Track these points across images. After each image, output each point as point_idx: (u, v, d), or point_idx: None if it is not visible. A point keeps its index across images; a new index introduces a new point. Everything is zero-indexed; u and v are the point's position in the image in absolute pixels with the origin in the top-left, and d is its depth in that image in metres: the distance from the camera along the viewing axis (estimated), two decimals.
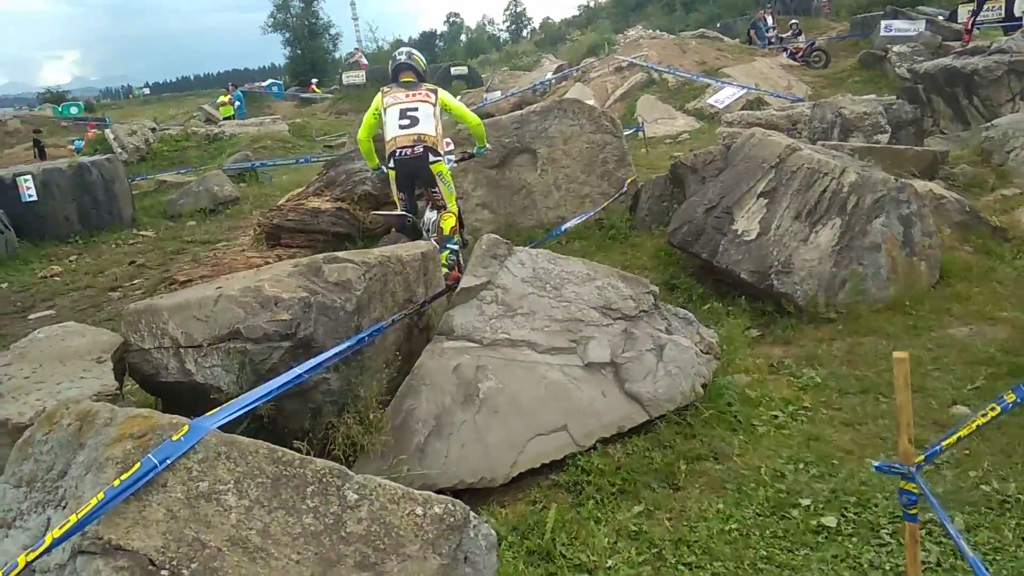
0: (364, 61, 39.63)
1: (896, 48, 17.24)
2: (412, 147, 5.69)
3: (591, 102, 16.77)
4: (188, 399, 3.45)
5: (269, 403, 3.06)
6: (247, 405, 2.71)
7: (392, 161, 5.76)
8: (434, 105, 5.92)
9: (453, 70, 33.32)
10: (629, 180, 7.77)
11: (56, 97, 53.42)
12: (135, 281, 8.56)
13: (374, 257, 3.96)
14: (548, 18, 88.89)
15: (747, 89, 16.24)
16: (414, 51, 6.28)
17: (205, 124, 23.45)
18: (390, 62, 6.35)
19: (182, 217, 12.36)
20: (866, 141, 9.10)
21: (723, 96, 16.27)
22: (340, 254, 3.91)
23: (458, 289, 4.07)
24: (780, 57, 20.38)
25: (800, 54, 21.98)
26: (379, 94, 6.08)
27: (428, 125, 5.79)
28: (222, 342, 3.44)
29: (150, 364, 3.59)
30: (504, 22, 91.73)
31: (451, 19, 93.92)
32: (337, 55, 55.69)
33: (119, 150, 19.92)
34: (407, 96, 5.92)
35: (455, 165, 7.64)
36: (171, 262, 9.42)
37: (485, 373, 3.73)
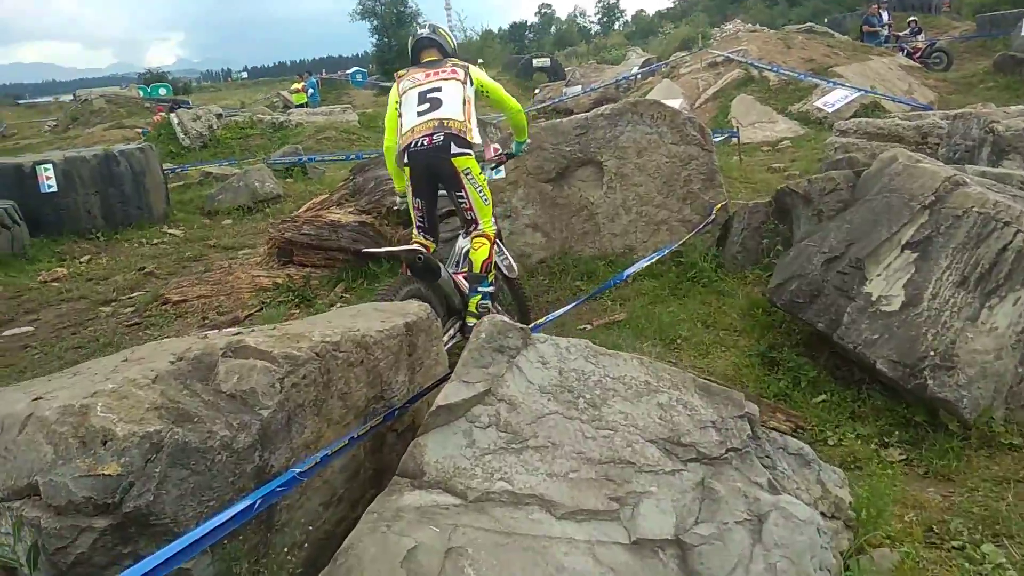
0: None
1: None
2: (431, 135, 4.32)
3: (679, 100, 15.03)
4: None
5: None
6: None
7: (406, 156, 4.40)
8: (463, 83, 4.53)
9: (535, 61, 31.82)
10: (718, 206, 6.13)
11: (155, 78, 54.46)
12: (135, 294, 7.43)
13: (310, 346, 2.53)
14: (642, 10, 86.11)
15: (862, 92, 14.15)
16: (439, 25, 4.88)
17: (272, 112, 22.68)
18: (409, 39, 4.95)
19: (219, 215, 11.32)
20: None
21: (833, 98, 14.22)
22: (251, 341, 2.48)
23: (435, 406, 2.58)
24: (898, 57, 18.05)
25: (919, 54, 19.57)
26: (394, 83, 4.70)
27: (454, 108, 4.41)
28: (16, 499, 2.07)
29: None
30: (596, 14, 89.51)
31: (542, 10, 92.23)
32: None
33: (182, 136, 19.32)
34: (427, 76, 4.55)
35: (496, 177, 6.17)
36: (183, 270, 8.29)
37: (461, 564, 2.24)
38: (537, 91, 25.19)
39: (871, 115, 13.47)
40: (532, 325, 3.82)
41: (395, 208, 5.23)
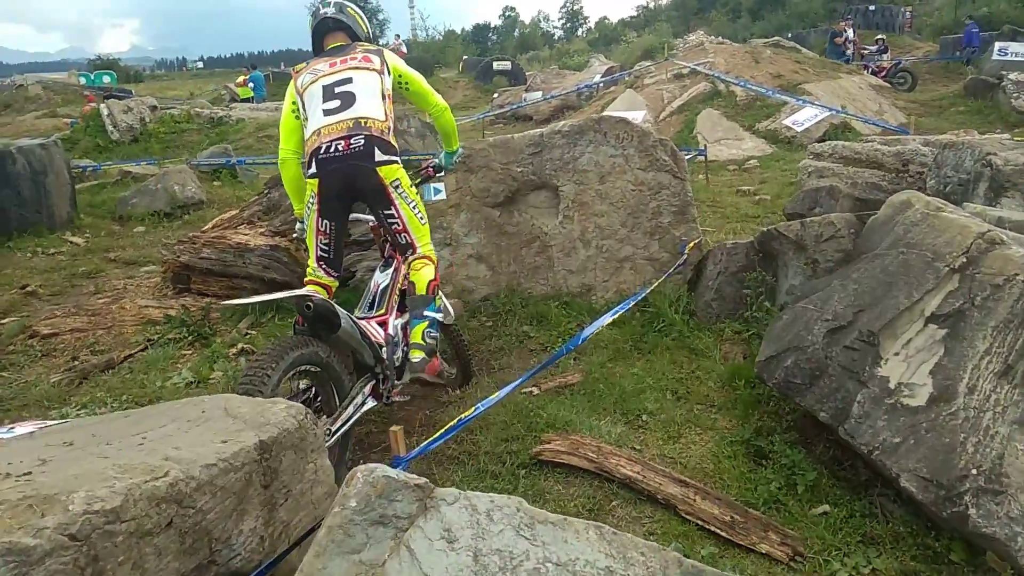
0: (403, 49, 37.34)
1: (1013, 76, 14.39)
2: (346, 137, 3.37)
3: (643, 113, 14.24)
4: None
5: None
6: None
7: (313, 165, 3.42)
8: (379, 73, 3.60)
9: (496, 64, 30.82)
10: (691, 244, 5.26)
11: (105, 64, 52.12)
12: (5, 320, 6.26)
13: (61, 524, 1.54)
14: (605, 17, 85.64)
15: (832, 111, 13.54)
16: (347, 2, 3.88)
17: (213, 106, 21.33)
18: (310, 19, 3.95)
19: (131, 221, 10.12)
20: None
21: (802, 117, 13.58)
22: None
23: None
24: (867, 75, 17.59)
25: (883, 73, 19.22)
26: (290, 81, 3.72)
27: (371, 104, 3.49)
28: None
29: None
30: (559, 19, 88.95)
31: (506, 13, 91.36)
32: (384, 42, 53.71)
33: (111, 128, 17.94)
34: (333, 65, 3.58)
35: (435, 199, 5.23)
36: (72, 289, 7.14)
37: None
38: (496, 95, 24.27)
39: (841, 136, 12.87)
40: (455, 421, 2.86)
41: (296, 237, 4.22)
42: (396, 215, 3.54)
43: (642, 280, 5.41)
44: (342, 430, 3.41)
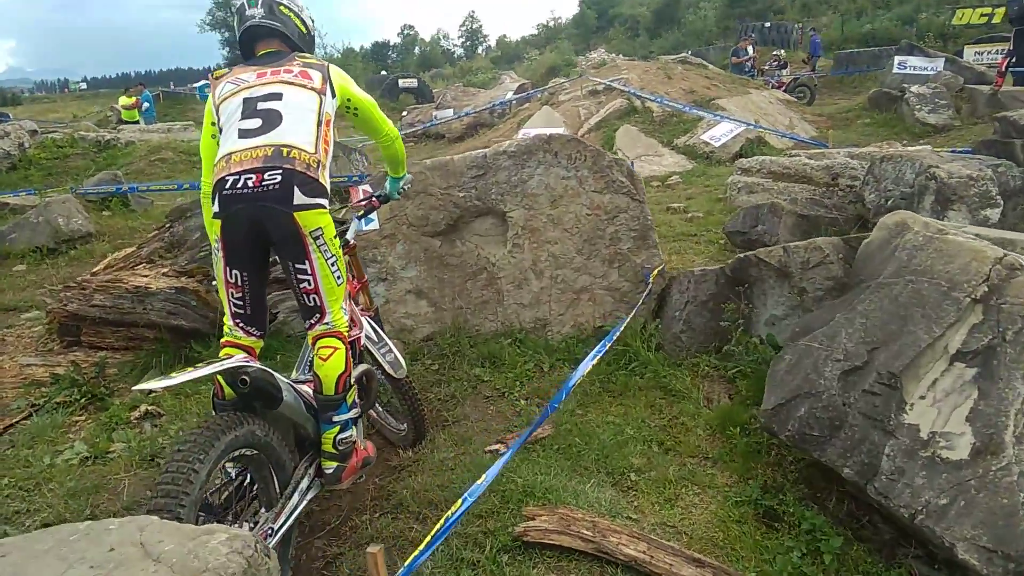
0: None
1: (915, 89, 14.86)
2: (259, 172, 2.65)
3: (561, 130, 13.95)
4: None
5: None
6: None
7: (216, 202, 2.71)
8: (320, 94, 2.92)
9: (401, 82, 30.19)
10: (655, 271, 4.84)
11: None
12: None
13: None
14: (505, 36, 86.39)
15: (747, 125, 13.58)
16: (284, 0, 3.19)
17: (99, 128, 19.78)
18: (235, 21, 3.23)
19: (10, 258, 8.95)
20: (971, 217, 6.40)
21: (719, 132, 13.56)
22: None
23: None
24: (775, 91, 17.94)
25: (783, 88, 19.73)
26: (209, 93, 3.02)
27: (300, 130, 2.79)
28: None
29: None
30: (459, 37, 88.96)
31: (405, 31, 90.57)
32: None
33: None
34: (261, 76, 2.90)
35: (367, 229, 4.62)
36: None
37: None
38: (405, 113, 23.62)
39: (757, 150, 12.91)
40: (442, 523, 2.27)
41: (214, 285, 3.49)
42: (309, 272, 2.80)
43: (601, 312, 4.95)
44: (287, 524, 2.76)
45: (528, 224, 4.99)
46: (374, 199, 3.71)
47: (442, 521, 2.23)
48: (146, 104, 22.21)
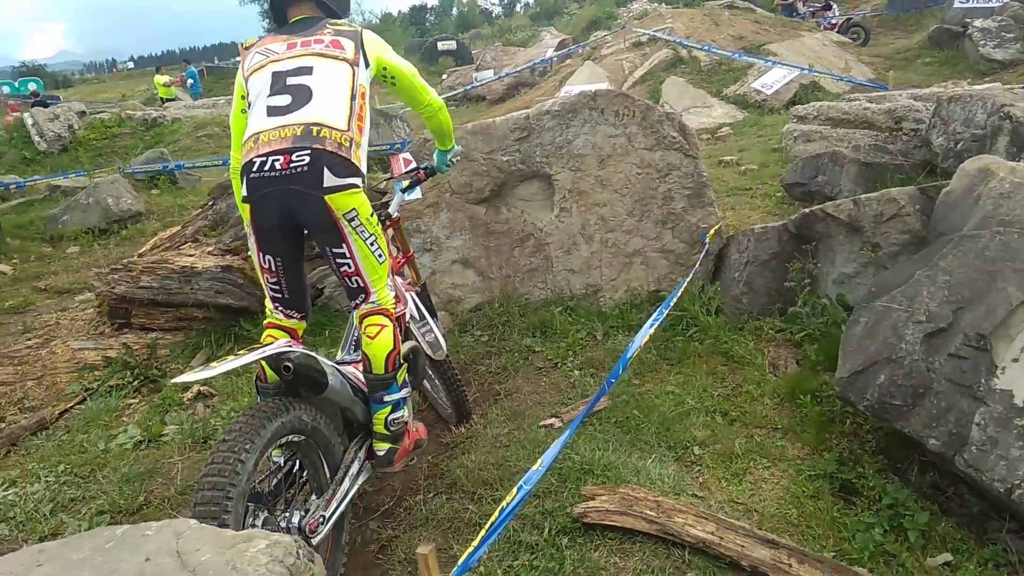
0: None
1: (978, 23, 14.01)
2: (287, 153, 2.47)
3: (605, 85, 13.55)
4: None
5: None
6: None
7: (244, 186, 2.56)
8: (353, 65, 2.71)
9: (440, 44, 29.77)
10: (712, 231, 4.59)
11: (31, 71, 49.54)
12: None
13: None
14: None
15: (800, 70, 12.99)
16: None
17: (145, 107, 19.98)
18: None
19: (63, 241, 9.12)
20: None
21: (771, 79, 13.00)
22: None
23: None
24: (829, 32, 17.14)
25: (835, 29, 18.82)
26: (239, 65, 2.86)
27: (332, 107, 2.59)
28: None
29: None
30: None
31: None
32: None
33: (37, 139, 16.65)
34: (291, 47, 2.71)
35: (409, 199, 4.46)
36: None
37: None
38: (445, 76, 23.33)
39: (811, 96, 12.35)
40: (498, 514, 2.11)
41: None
42: (348, 255, 2.65)
43: (656, 276, 4.74)
44: (339, 511, 2.67)
45: (575, 186, 4.78)
46: (420, 171, 3.52)
47: (496, 513, 2.09)
48: (191, 80, 22.35)
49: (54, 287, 7.28)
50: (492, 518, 2.06)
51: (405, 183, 3.53)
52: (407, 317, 3.41)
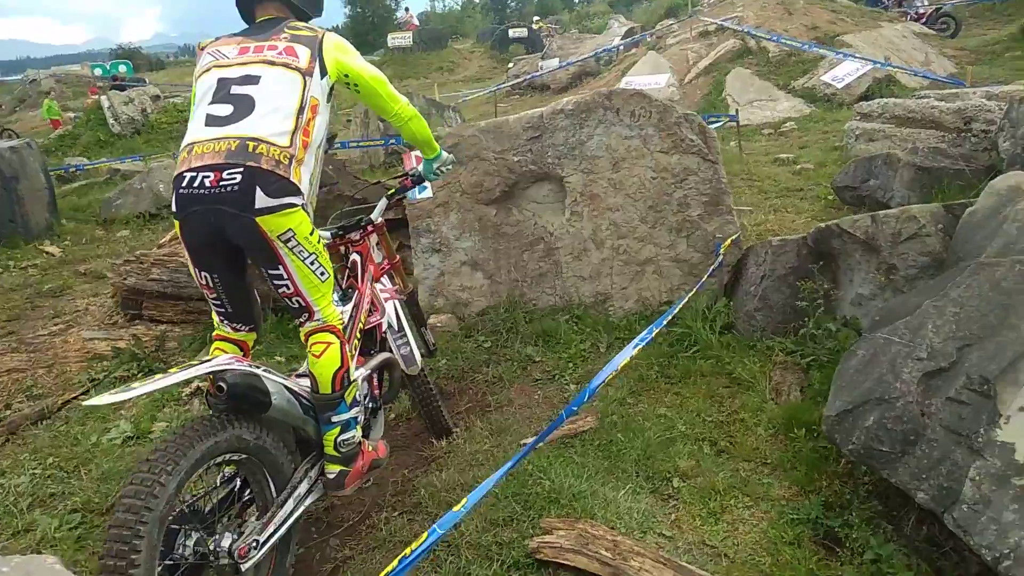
0: (415, 22, 36.09)
1: None
2: (216, 170, 2.32)
3: (666, 76, 13.13)
4: None
5: None
6: None
7: (173, 199, 2.42)
8: (306, 75, 2.53)
9: (511, 32, 29.57)
10: (728, 241, 4.31)
11: (127, 54, 51.61)
12: None
13: None
14: None
15: (875, 64, 12.30)
16: None
17: None
18: None
19: (115, 224, 9.40)
20: None
21: (842, 72, 12.37)
22: None
23: None
24: (910, 23, 16.21)
25: (924, 19, 17.75)
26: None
27: (272, 120, 2.42)
28: None
29: None
30: None
31: None
32: (396, 15, 52.37)
33: (112, 121, 17.34)
34: (243, 51, 2.56)
35: (420, 197, 4.35)
36: (33, 312, 6.38)
37: None
38: (511, 64, 23.15)
39: (886, 91, 11.68)
40: (424, 539, 1.94)
41: None
42: (286, 276, 2.50)
43: (668, 286, 4.49)
44: (277, 535, 2.57)
45: (587, 190, 4.56)
46: (407, 178, 3.39)
47: (396, 562, 1.93)
48: None
49: (94, 272, 7.48)
50: (390, 567, 1.90)
51: (391, 189, 3.41)
52: (384, 327, 3.29)
